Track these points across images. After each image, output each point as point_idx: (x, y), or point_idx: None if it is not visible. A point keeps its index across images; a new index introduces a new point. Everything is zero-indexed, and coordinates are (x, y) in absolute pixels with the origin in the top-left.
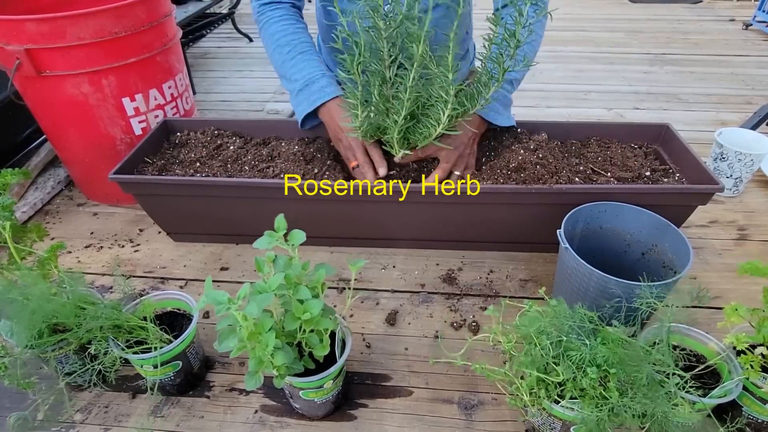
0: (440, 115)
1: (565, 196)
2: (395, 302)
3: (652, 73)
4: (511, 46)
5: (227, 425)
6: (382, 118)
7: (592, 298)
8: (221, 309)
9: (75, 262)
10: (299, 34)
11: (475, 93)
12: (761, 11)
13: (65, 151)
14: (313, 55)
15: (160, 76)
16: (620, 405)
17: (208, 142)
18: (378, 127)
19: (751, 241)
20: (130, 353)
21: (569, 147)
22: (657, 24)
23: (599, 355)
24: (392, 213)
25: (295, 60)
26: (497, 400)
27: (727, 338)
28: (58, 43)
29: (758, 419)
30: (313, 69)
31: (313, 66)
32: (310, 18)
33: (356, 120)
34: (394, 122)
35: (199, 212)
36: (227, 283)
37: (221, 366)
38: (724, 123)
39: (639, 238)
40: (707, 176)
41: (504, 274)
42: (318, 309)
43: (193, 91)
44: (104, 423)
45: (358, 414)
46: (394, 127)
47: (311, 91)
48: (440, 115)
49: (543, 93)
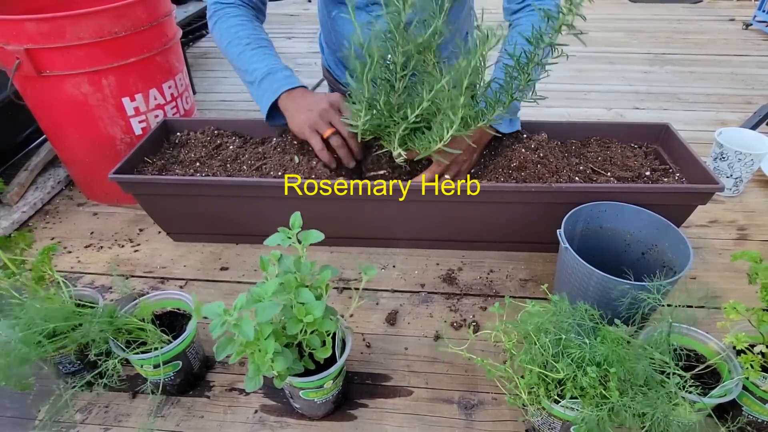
0: (444, 132)
1: (565, 196)
2: (395, 302)
3: (652, 73)
4: (522, 81)
5: (227, 425)
6: (385, 120)
7: (592, 298)
8: (216, 324)
9: (75, 262)
10: (258, 31)
11: (479, 114)
12: (761, 11)
13: (65, 151)
14: (272, 50)
15: (160, 76)
16: (620, 405)
17: (208, 141)
18: (379, 125)
19: (751, 241)
20: (130, 353)
21: (569, 147)
22: (657, 24)
23: (599, 353)
24: (392, 212)
25: (255, 52)
26: (497, 400)
27: (727, 338)
28: (58, 43)
29: (758, 419)
30: (274, 61)
31: (275, 60)
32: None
33: (358, 120)
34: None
35: (199, 212)
36: (227, 283)
37: (221, 366)
38: (724, 123)
39: (639, 237)
40: (707, 176)
41: (504, 274)
42: (321, 311)
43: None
44: (104, 423)
45: (358, 414)
46: (401, 124)
47: (275, 79)
48: (444, 132)
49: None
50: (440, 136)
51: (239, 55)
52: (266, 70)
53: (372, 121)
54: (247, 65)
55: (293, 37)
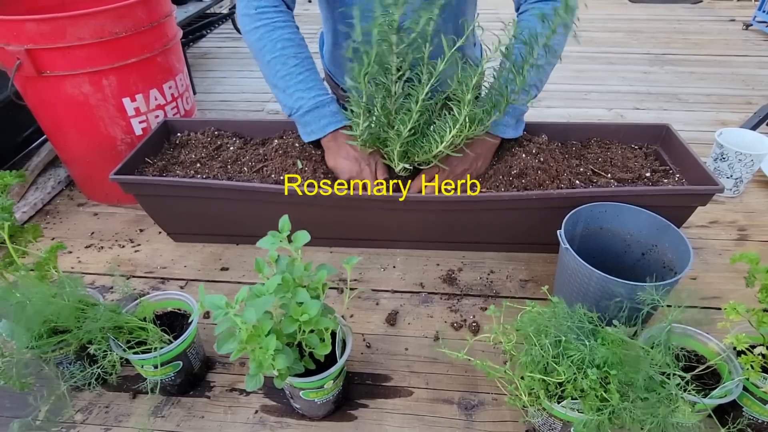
0: (446, 132)
1: (564, 201)
2: (395, 302)
3: (652, 73)
4: (517, 83)
5: (227, 425)
6: (383, 130)
7: (593, 299)
8: (219, 314)
9: (75, 262)
10: (304, 49)
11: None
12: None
13: (65, 151)
14: (317, 74)
15: (161, 76)
16: (621, 407)
17: (209, 142)
18: (378, 138)
19: (751, 242)
20: (130, 353)
21: (570, 148)
22: (657, 24)
23: (599, 355)
24: (392, 213)
25: (303, 77)
26: (497, 401)
27: (728, 338)
28: (59, 43)
29: (759, 420)
30: (320, 92)
31: (321, 88)
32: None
33: (357, 129)
34: (397, 135)
35: (200, 213)
36: (227, 283)
37: (222, 366)
38: (724, 123)
39: (639, 238)
40: (707, 177)
41: (504, 275)
42: (316, 310)
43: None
44: (105, 423)
45: (358, 414)
46: (397, 140)
47: (321, 114)
48: (446, 132)
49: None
50: (441, 137)
51: (284, 77)
52: (313, 102)
53: (371, 130)
54: (293, 90)
55: None
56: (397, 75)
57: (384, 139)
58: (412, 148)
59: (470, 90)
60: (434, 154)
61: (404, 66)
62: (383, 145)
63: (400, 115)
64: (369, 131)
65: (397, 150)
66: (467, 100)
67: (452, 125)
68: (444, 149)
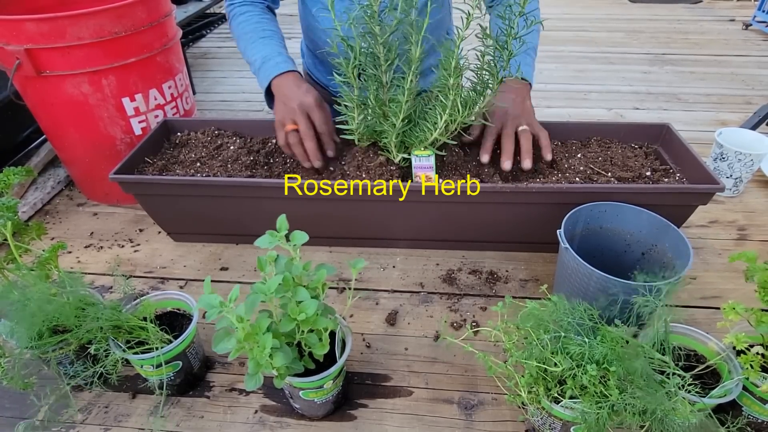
0: (437, 119)
1: (565, 196)
2: (395, 302)
3: (652, 73)
4: (504, 58)
5: (227, 425)
6: (379, 122)
7: (593, 298)
8: (213, 313)
9: (75, 262)
10: (263, 23)
11: (469, 100)
12: (761, 11)
13: (65, 151)
14: (274, 39)
15: (160, 76)
16: (620, 403)
17: (209, 142)
18: (375, 131)
19: (751, 241)
20: (130, 353)
21: (570, 147)
22: (657, 24)
23: (598, 352)
24: (392, 213)
25: (257, 42)
26: (497, 401)
27: (727, 338)
28: (58, 43)
29: (758, 419)
30: (270, 49)
31: (271, 47)
32: None
33: (352, 123)
34: (392, 126)
35: (200, 212)
36: (227, 283)
37: (221, 366)
38: (724, 123)
39: (639, 238)
40: (707, 176)
41: (504, 275)
42: (313, 309)
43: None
44: (104, 423)
45: (358, 414)
46: (392, 131)
47: (268, 66)
48: (437, 119)
49: (543, 93)
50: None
51: (244, 50)
52: (262, 58)
53: (366, 122)
54: (249, 56)
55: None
56: (386, 65)
57: (380, 131)
58: (408, 138)
59: (452, 74)
60: (430, 142)
61: (391, 55)
62: (380, 137)
63: (392, 106)
64: (365, 123)
65: (393, 141)
66: (450, 85)
67: (442, 111)
68: (439, 136)
